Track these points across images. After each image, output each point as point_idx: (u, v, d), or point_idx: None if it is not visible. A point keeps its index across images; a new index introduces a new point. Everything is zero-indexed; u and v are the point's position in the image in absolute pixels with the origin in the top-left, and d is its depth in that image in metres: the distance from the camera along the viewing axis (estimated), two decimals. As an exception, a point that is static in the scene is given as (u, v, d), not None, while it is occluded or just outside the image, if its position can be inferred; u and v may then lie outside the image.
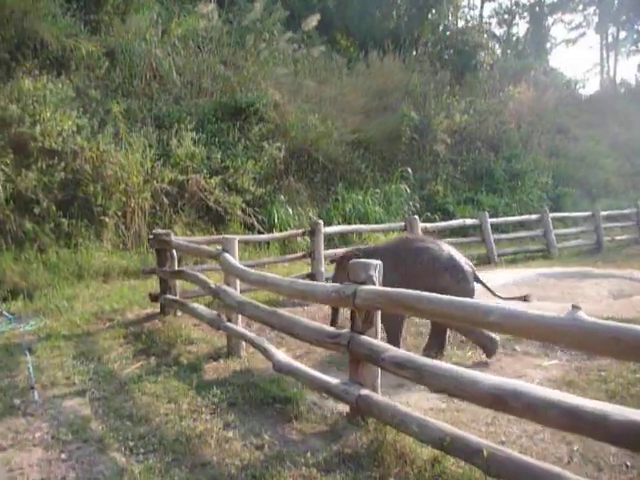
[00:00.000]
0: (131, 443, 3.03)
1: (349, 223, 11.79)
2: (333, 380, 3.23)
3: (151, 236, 6.24)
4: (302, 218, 11.71)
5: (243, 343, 4.61)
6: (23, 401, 3.72)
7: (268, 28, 14.95)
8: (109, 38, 12.84)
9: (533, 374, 4.09)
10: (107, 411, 3.53)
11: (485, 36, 20.06)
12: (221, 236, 7.37)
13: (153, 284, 7.25)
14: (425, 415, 3.06)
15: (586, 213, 11.92)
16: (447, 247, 4.56)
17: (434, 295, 2.52)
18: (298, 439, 3.07)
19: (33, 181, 8.53)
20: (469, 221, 9.97)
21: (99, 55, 12.06)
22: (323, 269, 7.53)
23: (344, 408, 3.37)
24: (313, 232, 7.56)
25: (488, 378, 2.26)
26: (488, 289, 4.54)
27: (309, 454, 2.83)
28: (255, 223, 10.81)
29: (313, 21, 14.88)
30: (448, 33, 20.63)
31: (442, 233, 9.76)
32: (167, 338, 5.17)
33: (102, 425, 3.31)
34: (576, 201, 15.10)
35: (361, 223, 11.74)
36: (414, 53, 19.12)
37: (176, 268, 5.93)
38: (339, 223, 11.75)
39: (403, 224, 8.79)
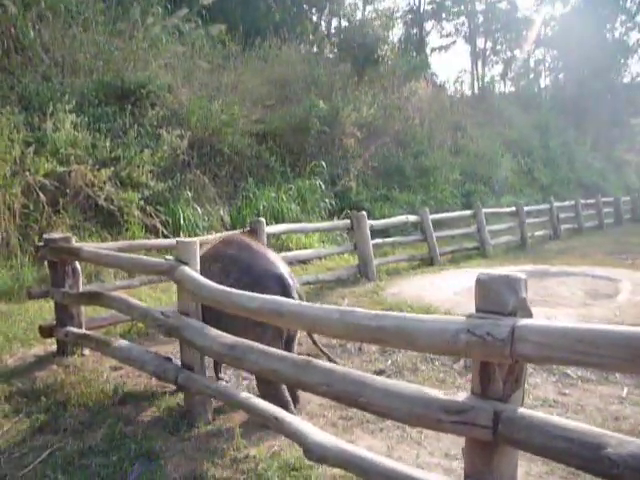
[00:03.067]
0: None
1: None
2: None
3: (40, 243, 4.32)
4: (212, 218, 10.06)
5: (213, 400, 3.04)
6: None
7: (158, 1, 12.98)
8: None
9: (632, 415, 3.04)
10: None
11: (385, 32, 19.57)
12: (141, 241, 5.67)
13: (37, 309, 5.31)
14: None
15: (510, 209, 11.61)
16: (266, 255, 3.35)
17: None
18: None
19: None
20: (411, 217, 9.01)
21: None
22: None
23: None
24: (254, 232, 6.04)
25: None
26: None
27: None
28: (158, 224, 8.93)
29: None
30: (344, 25, 19.94)
31: (385, 231, 8.75)
32: (81, 397, 3.38)
33: None
34: (483, 198, 14.97)
35: (276, 222, 10.38)
36: (314, 45, 18.20)
37: (85, 288, 4.11)
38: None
39: (349, 221, 7.57)
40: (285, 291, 3.07)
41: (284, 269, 3.27)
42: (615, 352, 1.48)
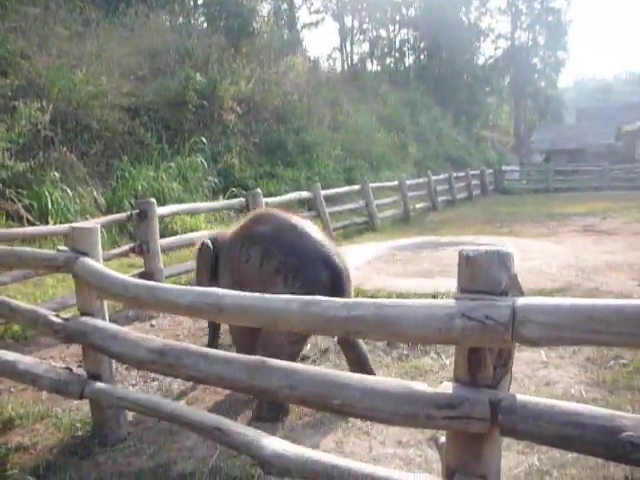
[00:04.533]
0: None
1: (143, 204, 9.56)
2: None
3: None
4: (84, 201, 9.09)
5: (127, 413, 2.60)
6: None
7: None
8: None
9: (559, 379, 3.12)
10: None
11: (257, 3, 18.94)
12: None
13: None
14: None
15: (393, 183, 11.90)
16: (311, 234, 2.89)
17: None
18: None
19: None
20: (304, 194, 8.82)
21: None
22: (162, 265, 5.54)
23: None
24: (144, 214, 5.45)
25: None
26: None
27: None
28: (21, 210, 7.85)
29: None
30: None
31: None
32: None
33: None
34: (363, 173, 15.24)
35: (158, 203, 9.66)
36: (182, 16, 17.15)
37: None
38: (132, 206, 9.46)
39: (244, 200, 7.18)
40: (335, 277, 2.76)
41: (333, 251, 2.88)
42: (633, 328, 1.36)
